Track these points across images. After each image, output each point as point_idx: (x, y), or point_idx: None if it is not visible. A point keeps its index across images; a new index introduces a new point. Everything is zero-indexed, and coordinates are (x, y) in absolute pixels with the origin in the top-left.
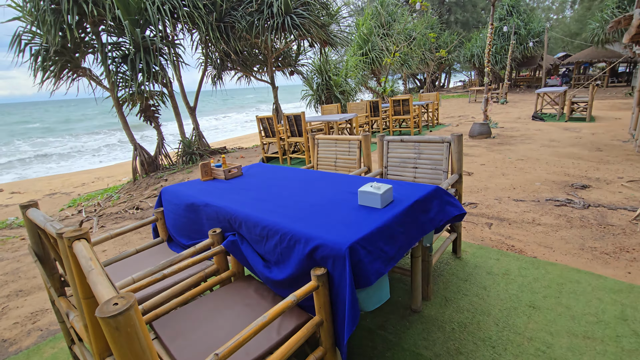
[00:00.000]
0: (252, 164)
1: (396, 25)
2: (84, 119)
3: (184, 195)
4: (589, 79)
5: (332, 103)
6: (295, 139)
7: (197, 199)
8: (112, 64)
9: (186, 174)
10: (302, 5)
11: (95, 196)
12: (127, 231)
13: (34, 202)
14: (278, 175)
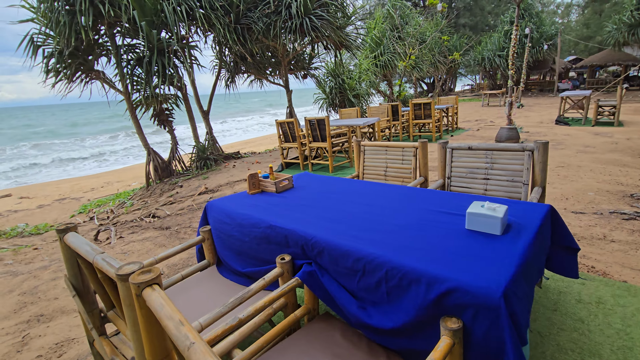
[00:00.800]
0: (298, 174)
1: (408, 28)
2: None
3: (236, 213)
4: (600, 82)
5: (345, 107)
6: (317, 144)
7: (255, 217)
8: (127, 67)
9: (202, 180)
10: (319, 6)
11: (107, 202)
12: (173, 254)
13: (72, 225)
14: (334, 187)
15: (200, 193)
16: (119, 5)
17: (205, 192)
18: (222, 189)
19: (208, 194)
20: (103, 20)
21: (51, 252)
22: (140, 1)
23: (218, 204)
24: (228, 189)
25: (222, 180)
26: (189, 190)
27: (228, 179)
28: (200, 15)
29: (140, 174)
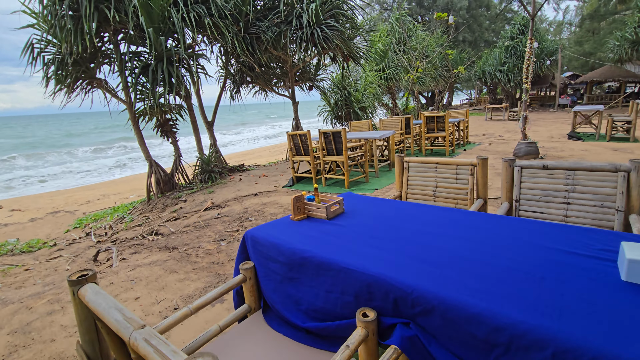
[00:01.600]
0: (342, 194)
1: (412, 42)
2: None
3: (290, 247)
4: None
5: (351, 119)
6: (332, 157)
7: (319, 255)
8: (131, 75)
9: (207, 194)
10: (330, 17)
11: (103, 216)
12: (211, 300)
13: (90, 274)
14: (392, 212)
15: (207, 208)
16: (125, 10)
17: (211, 208)
18: (230, 204)
19: (215, 209)
20: (108, 26)
21: (44, 273)
22: (148, 7)
23: (262, 234)
24: (236, 205)
25: (229, 194)
26: (194, 205)
27: (235, 193)
28: (209, 24)
29: (138, 186)
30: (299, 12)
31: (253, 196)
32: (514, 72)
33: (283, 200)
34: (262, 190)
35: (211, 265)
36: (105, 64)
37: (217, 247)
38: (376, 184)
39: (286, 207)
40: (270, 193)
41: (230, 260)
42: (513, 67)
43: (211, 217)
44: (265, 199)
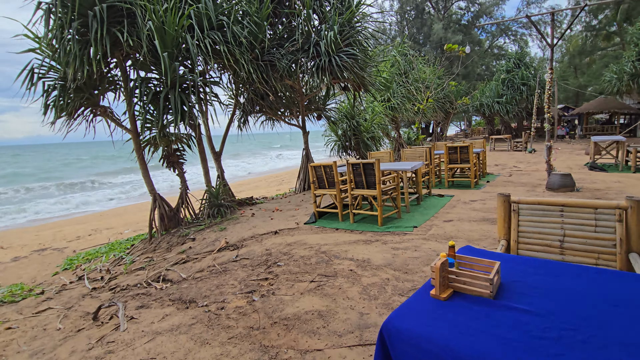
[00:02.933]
0: (463, 248)
1: (415, 73)
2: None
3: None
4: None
5: (360, 149)
6: (362, 191)
7: None
8: (140, 102)
9: (219, 231)
10: (346, 45)
11: (97, 255)
12: None
13: None
14: (567, 282)
15: (221, 249)
16: (138, 34)
17: (226, 248)
18: (248, 244)
19: (230, 250)
20: (117, 51)
21: (31, 334)
22: (161, 31)
23: (411, 329)
24: (256, 245)
25: (245, 232)
26: (205, 244)
27: (251, 231)
28: (225, 51)
29: (132, 219)
30: (315, 40)
31: (273, 234)
32: (512, 104)
33: (311, 240)
34: (282, 228)
35: (250, 331)
36: (111, 91)
37: (250, 303)
38: (412, 221)
39: (317, 248)
40: (293, 231)
41: (274, 323)
42: (511, 99)
43: (228, 259)
44: (289, 238)
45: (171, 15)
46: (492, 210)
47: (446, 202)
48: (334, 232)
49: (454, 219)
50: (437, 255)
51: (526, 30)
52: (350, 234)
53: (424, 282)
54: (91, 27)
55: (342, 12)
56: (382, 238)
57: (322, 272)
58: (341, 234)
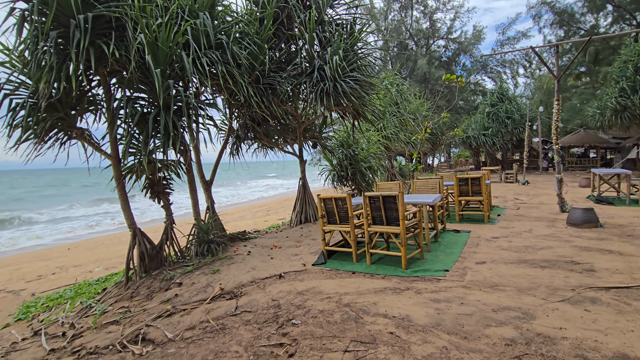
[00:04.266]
0: None
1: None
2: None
3: None
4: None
5: (357, 179)
6: (381, 227)
7: None
8: (123, 125)
9: (211, 274)
10: (352, 70)
11: (61, 301)
12: None
13: None
14: None
15: (215, 297)
16: (127, 48)
17: (221, 296)
18: (249, 292)
19: (227, 298)
20: (100, 66)
21: None
22: (154, 46)
23: None
24: (258, 293)
25: (242, 276)
26: (194, 291)
27: (250, 274)
28: (224, 71)
29: (104, 254)
30: (319, 64)
31: (277, 279)
32: (497, 136)
33: (327, 288)
34: (287, 270)
35: None
36: (90, 112)
37: None
38: (438, 262)
39: (338, 300)
40: (300, 274)
41: None
42: (496, 132)
43: (225, 312)
44: (299, 285)
45: (165, 30)
46: (523, 249)
47: (466, 239)
48: (351, 276)
49: (486, 260)
50: (493, 311)
51: (501, 68)
52: (372, 280)
53: (494, 352)
54: (73, 38)
55: (343, 37)
56: (413, 285)
57: (354, 337)
58: (360, 279)
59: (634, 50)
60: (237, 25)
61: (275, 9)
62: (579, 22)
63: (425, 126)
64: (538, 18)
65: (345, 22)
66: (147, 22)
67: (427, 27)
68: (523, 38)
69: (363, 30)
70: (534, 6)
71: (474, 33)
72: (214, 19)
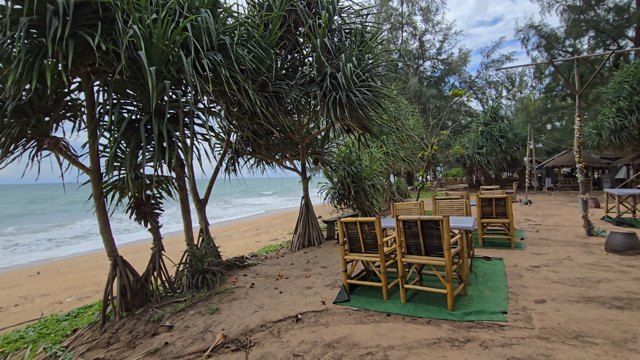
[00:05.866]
0: None
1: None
2: None
3: None
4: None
5: (359, 198)
6: (418, 258)
7: None
8: (107, 133)
9: (208, 314)
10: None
11: (20, 345)
12: None
13: None
14: None
15: (216, 347)
16: (115, 42)
17: (224, 346)
18: (259, 341)
19: (231, 349)
20: (83, 65)
21: None
22: (147, 43)
23: None
24: (272, 343)
25: (248, 317)
26: (189, 338)
27: (258, 314)
28: (227, 75)
29: (78, 281)
30: (330, 71)
31: (294, 322)
32: (492, 155)
33: (362, 337)
34: (303, 310)
35: None
36: (68, 119)
37: None
38: (488, 301)
39: (382, 357)
40: (322, 316)
41: None
42: (491, 151)
43: None
44: (324, 332)
45: (162, 27)
46: (579, 283)
47: (502, 268)
48: (386, 319)
49: (544, 297)
50: None
51: (487, 89)
52: (416, 325)
53: None
54: (49, 27)
55: (356, 44)
56: (473, 335)
57: None
58: (400, 324)
59: (628, 72)
60: (241, 27)
61: (282, 12)
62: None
63: (432, 142)
64: (526, 41)
65: (354, 30)
66: (140, 16)
67: (417, 48)
68: (507, 61)
69: (375, 36)
70: (522, 29)
71: (460, 55)
72: (216, 20)
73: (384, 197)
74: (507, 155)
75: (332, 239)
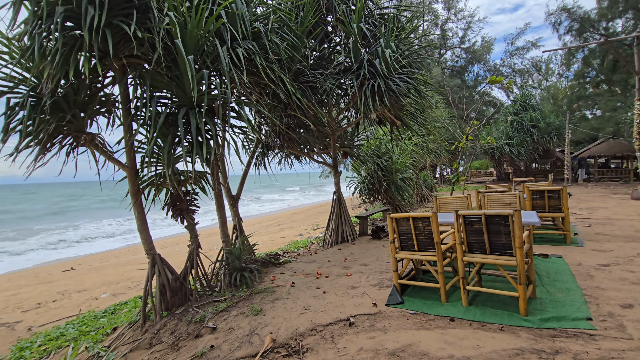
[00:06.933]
0: None
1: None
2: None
3: None
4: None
5: (390, 192)
6: (483, 257)
7: None
8: (144, 127)
9: (252, 315)
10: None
11: (62, 343)
12: None
13: None
14: None
15: (266, 353)
16: (150, 32)
17: (274, 351)
18: (312, 347)
19: (282, 354)
20: (118, 58)
21: None
22: (182, 31)
23: None
24: (327, 350)
25: (295, 319)
26: (235, 341)
27: (305, 316)
28: (262, 64)
29: (113, 277)
30: (367, 58)
31: (347, 326)
32: (523, 146)
33: (430, 346)
34: (354, 313)
35: None
36: (102, 115)
37: None
38: (564, 305)
39: None
40: (376, 319)
41: None
42: (522, 141)
43: None
44: (384, 338)
45: (196, 15)
46: None
47: (564, 266)
48: (451, 324)
49: (629, 301)
50: None
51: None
52: (488, 333)
53: None
54: (85, 16)
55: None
56: (560, 346)
57: None
58: (469, 330)
59: None
60: (275, 14)
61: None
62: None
63: (467, 133)
64: (557, 25)
65: (388, 15)
66: (175, 4)
67: (439, 37)
68: (533, 48)
69: (412, 19)
70: (553, 13)
71: (483, 44)
72: (249, 7)
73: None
74: (539, 146)
75: (365, 234)
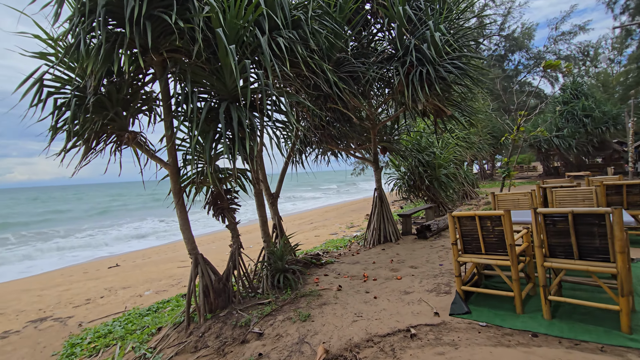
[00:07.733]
0: None
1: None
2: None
3: None
4: None
5: (432, 189)
6: (570, 263)
7: None
8: (185, 124)
9: (299, 322)
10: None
11: (110, 341)
12: None
13: None
14: None
15: None
16: (189, 21)
17: None
18: (369, 359)
19: None
20: (158, 53)
21: None
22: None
23: None
24: None
25: (347, 327)
26: (284, 349)
27: (358, 324)
28: (304, 54)
29: (155, 274)
30: (414, 43)
31: (408, 338)
32: (576, 138)
33: None
34: (414, 324)
35: None
36: (143, 113)
37: None
38: None
39: None
40: (441, 331)
41: None
42: (573, 133)
43: None
44: (456, 356)
45: (235, 5)
46: None
47: None
48: (533, 340)
49: None
50: None
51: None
52: (583, 353)
53: None
54: (126, 7)
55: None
56: None
57: None
58: (558, 349)
59: None
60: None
61: None
62: None
63: (519, 123)
64: (612, 4)
65: None
66: None
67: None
68: (580, 32)
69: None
70: None
71: (524, 30)
72: None
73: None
74: (593, 137)
75: (409, 234)
